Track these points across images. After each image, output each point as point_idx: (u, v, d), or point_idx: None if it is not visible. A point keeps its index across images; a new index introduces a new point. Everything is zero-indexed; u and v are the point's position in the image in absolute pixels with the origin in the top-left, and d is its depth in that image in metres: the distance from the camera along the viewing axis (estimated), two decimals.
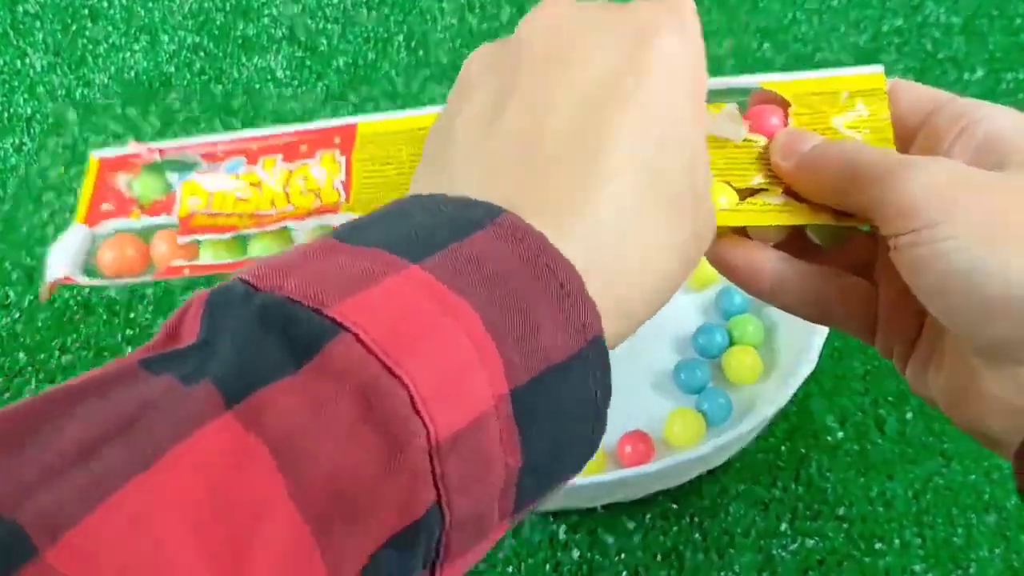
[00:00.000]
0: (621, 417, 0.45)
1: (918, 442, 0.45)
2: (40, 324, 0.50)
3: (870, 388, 0.47)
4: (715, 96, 0.33)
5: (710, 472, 0.44)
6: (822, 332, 0.44)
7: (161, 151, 0.38)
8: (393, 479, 0.19)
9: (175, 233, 0.36)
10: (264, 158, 0.37)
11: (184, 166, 0.37)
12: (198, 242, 0.35)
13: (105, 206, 0.37)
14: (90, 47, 0.64)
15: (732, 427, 0.43)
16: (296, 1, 0.66)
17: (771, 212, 0.31)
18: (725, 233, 0.32)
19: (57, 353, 0.49)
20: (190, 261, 0.35)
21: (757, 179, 0.32)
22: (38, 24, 0.65)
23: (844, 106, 0.32)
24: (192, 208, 0.36)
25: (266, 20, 0.65)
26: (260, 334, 0.20)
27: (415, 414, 0.19)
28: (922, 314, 0.30)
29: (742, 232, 0.32)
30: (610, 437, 0.44)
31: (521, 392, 0.21)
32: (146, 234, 0.37)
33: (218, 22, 0.65)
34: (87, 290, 0.52)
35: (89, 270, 0.36)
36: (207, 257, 0.35)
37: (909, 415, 0.46)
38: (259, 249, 0.35)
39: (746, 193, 0.32)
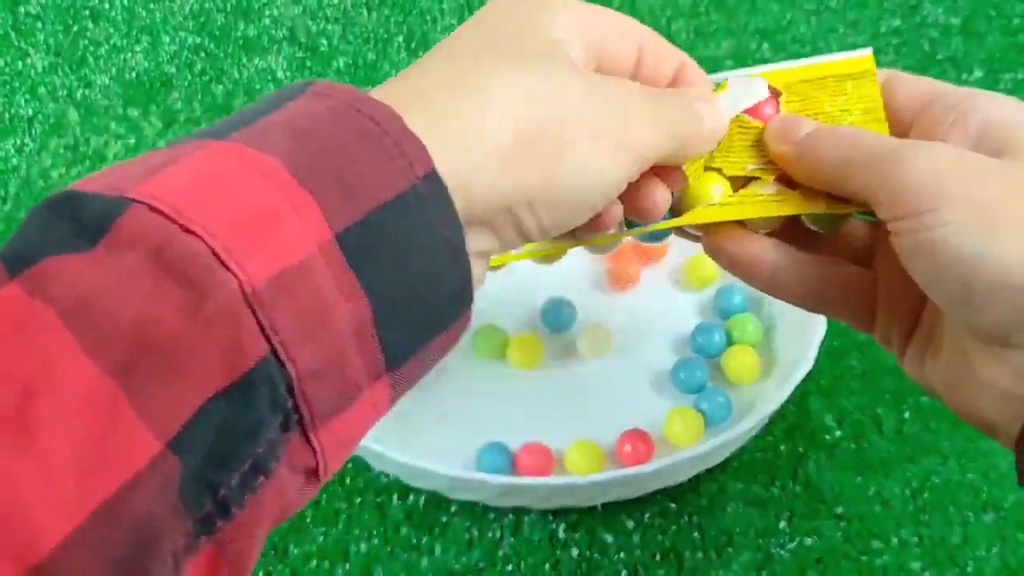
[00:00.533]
0: (620, 416, 0.45)
1: (915, 441, 0.46)
2: None
3: (868, 387, 0.47)
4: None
5: (708, 471, 0.44)
6: (820, 332, 0.44)
7: None
8: (207, 330, 0.19)
9: None
10: None
11: None
12: None
13: None
14: (91, 48, 0.64)
15: (731, 426, 0.43)
16: (297, 2, 0.66)
17: (765, 203, 0.32)
18: (722, 224, 0.32)
19: None
20: None
21: (751, 166, 0.32)
22: (39, 25, 0.65)
23: (834, 91, 0.32)
24: None
25: (267, 21, 0.65)
26: (48, 219, 0.20)
27: (219, 264, 0.19)
28: (920, 302, 0.31)
29: (739, 222, 0.32)
30: (610, 436, 0.45)
31: (349, 235, 0.20)
32: None
33: (219, 23, 0.65)
34: None
35: None
36: None
37: (907, 414, 0.46)
38: None
39: (740, 183, 0.32)
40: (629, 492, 0.43)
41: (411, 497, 0.44)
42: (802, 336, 0.45)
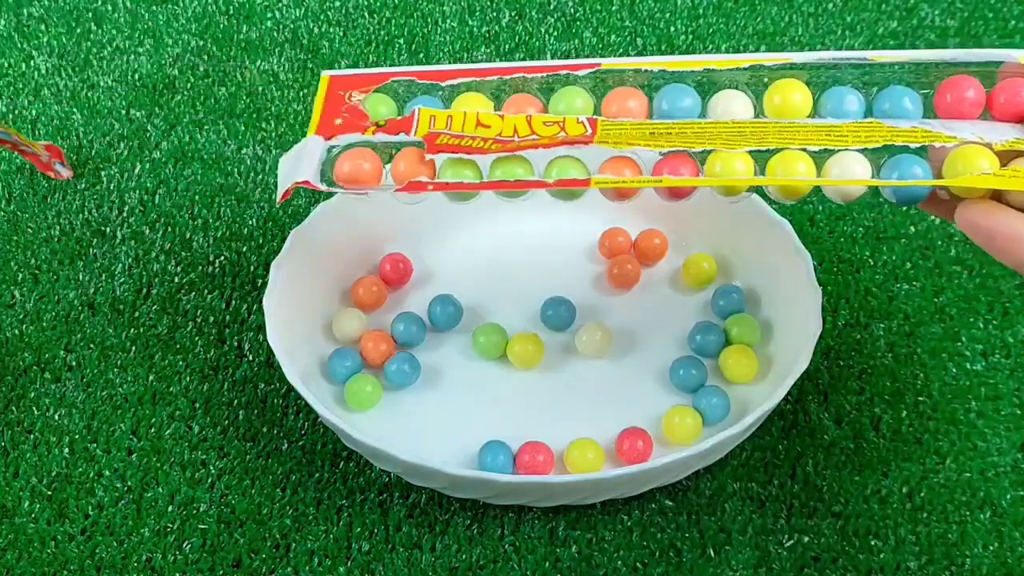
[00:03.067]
0: (620, 415, 0.46)
1: (912, 440, 0.46)
2: (45, 324, 0.51)
3: (865, 387, 0.48)
4: (965, 67, 0.35)
5: (707, 470, 0.45)
6: (816, 331, 0.44)
7: (393, 75, 0.38)
8: None
9: (417, 152, 0.37)
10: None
11: (419, 89, 0.38)
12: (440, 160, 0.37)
13: (338, 121, 0.38)
14: (95, 50, 0.64)
15: (729, 425, 0.43)
16: (299, 5, 0.66)
17: None
18: (984, 198, 0.33)
19: (63, 352, 0.50)
20: (432, 179, 0.37)
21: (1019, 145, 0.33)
22: (43, 27, 0.66)
23: None
24: (433, 128, 0.37)
25: (269, 23, 0.65)
26: None
27: None
28: None
29: (997, 198, 0.32)
30: (609, 434, 0.45)
31: None
32: (381, 151, 0.38)
33: (221, 25, 0.65)
34: (91, 289, 0.52)
35: (326, 179, 0.38)
36: (448, 176, 0.37)
37: (904, 414, 0.47)
38: (499, 173, 0.37)
39: (1008, 158, 0.33)
40: (628, 490, 0.43)
41: (412, 495, 0.44)
42: (799, 336, 0.45)
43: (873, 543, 0.43)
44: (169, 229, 0.55)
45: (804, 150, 0.35)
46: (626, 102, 0.37)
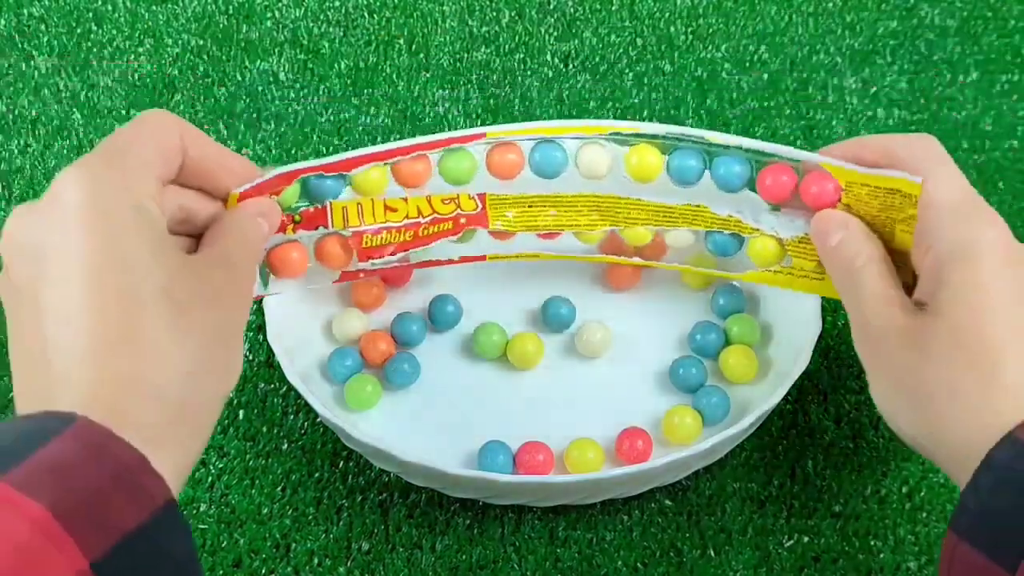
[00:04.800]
0: (619, 415, 0.46)
1: None
2: None
3: (864, 387, 0.48)
4: (774, 159, 0.42)
5: (707, 469, 0.45)
6: (816, 331, 0.44)
7: (297, 172, 0.42)
8: None
9: (339, 238, 0.44)
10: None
11: (325, 179, 0.43)
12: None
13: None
14: (95, 50, 0.64)
15: (729, 425, 0.43)
16: (298, 5, 0.66)
17: (807, 279, 0.43)
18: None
19: None
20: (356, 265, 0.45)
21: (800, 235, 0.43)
22: (43, 27, 0.66)
23: (884, 201, 0.39)
24: (347, 222, 0.43)
25: (268, 23, 0.65)
26: None
27: None
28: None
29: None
30: (608, 434, 0.45)
31: (104, 562, 0.26)
32: (305, 243, 0.44)
33: (221, 25, 0.65)
34: None
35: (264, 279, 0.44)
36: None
37: None
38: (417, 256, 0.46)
39: (792, 249, 0.43)
40: (628, 490, 0.43)
41: (412, 495, 0.45)
42: (799, 336, 0.45)
43: (873, 543, 0.43)
44: None
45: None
46: (506, 155, 0.44)
